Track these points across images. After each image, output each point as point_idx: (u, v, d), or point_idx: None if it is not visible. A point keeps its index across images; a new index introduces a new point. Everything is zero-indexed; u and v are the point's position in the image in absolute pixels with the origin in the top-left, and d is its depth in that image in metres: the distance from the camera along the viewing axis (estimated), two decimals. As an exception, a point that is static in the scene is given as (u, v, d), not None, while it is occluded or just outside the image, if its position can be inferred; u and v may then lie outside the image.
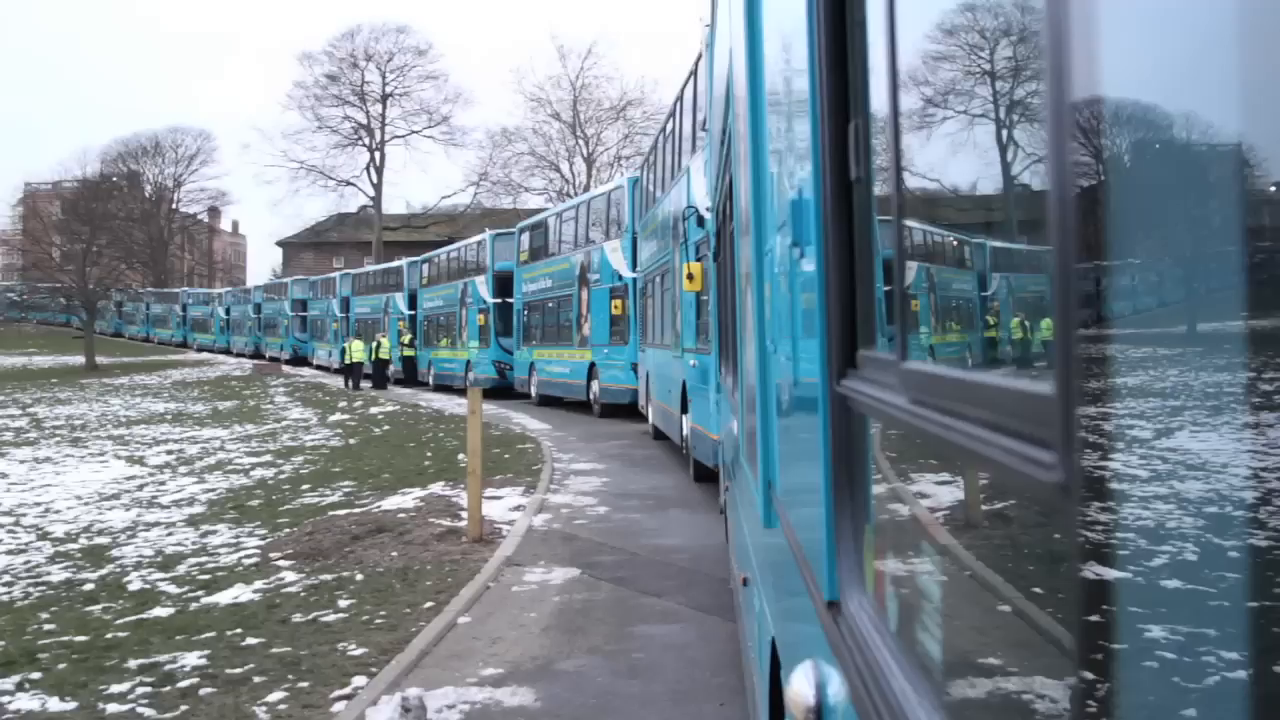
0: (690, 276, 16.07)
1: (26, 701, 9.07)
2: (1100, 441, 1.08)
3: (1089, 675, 1.08)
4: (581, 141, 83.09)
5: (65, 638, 11.12)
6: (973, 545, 1.67)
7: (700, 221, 15.78)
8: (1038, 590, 1.36)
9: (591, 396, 30.66)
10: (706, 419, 15.32)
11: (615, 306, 27.88)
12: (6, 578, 14.54)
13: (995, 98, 1.53)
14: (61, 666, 10.01)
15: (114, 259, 77.10)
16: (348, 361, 47.35)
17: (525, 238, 37.35)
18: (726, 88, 6.93)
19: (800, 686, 2.47)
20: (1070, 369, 1.05)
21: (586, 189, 68.22)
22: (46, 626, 11.75)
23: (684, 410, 18.37)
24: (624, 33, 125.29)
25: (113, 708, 8.66)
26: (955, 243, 2.00)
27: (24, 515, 19.36)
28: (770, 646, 3.79)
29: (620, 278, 27.72)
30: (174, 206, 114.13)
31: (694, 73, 17.69)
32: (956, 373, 1.66)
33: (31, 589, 13.84)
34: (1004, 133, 1.48)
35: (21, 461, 26.50)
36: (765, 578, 4.40)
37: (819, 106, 2.39)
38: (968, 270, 1.89)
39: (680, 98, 19.62)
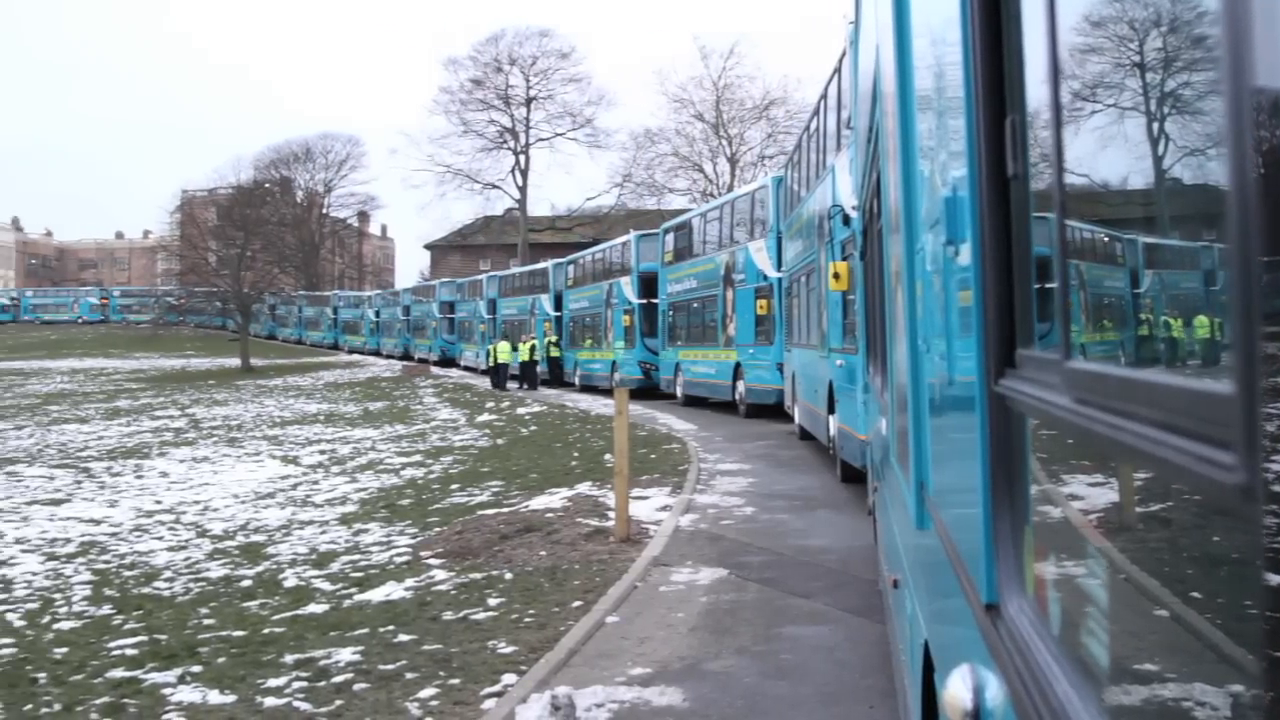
0: (836, 276, 15.95)
1: (188, 694, 9.30)
2: None
3: (1268, 688, 1.04)
4: (724, 141, 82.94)
5: (224, 632, 11.39)
6: (1141, 548, 1.63)
7: (846, 220, 15.65)
8: (1212, 596, 1.32)
9: (737, 397, 30.58)
10: (854, 419, 15.19)
11: (760, 306, 27.77)
12: (168, 574, 14.93)
13: (1162, 88, 1.48)
14: (221, 660, 10.25)
15: (267, 263, 78.78)
16: (493, 363, 47.82)
17: (670, 238, 37.38)
18: (873, 84, 6.87)
19: (957, 690, 2.44)
20: (1253, 367, 1.01)
21: (730, 189, 68.07)
22: (206, 621, 12.04)
23: (830, 410, 18.24)
24: (766, 32, 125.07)
25: (270, 701, 8.85)
26: (1119, 239, 1.95)
27: (184, 513, 19.87)
28: (923, 649, 3.74)
29: (765, 277, 27.61)
30: (325, 211, 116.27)
31: (838, 70, 17.55)
32: (1126, 372, 1.61)
33: (192, 585, 14.20)
34: (1172, 124, 1.44)
35: (181, 461, 27.21)
36: (917, 580, 4.35)
37: (974, 101, 2.35)
38: (1132, 267, 1.85)
39: (824, 96, 19.49)
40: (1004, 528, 2.27)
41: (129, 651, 10.99)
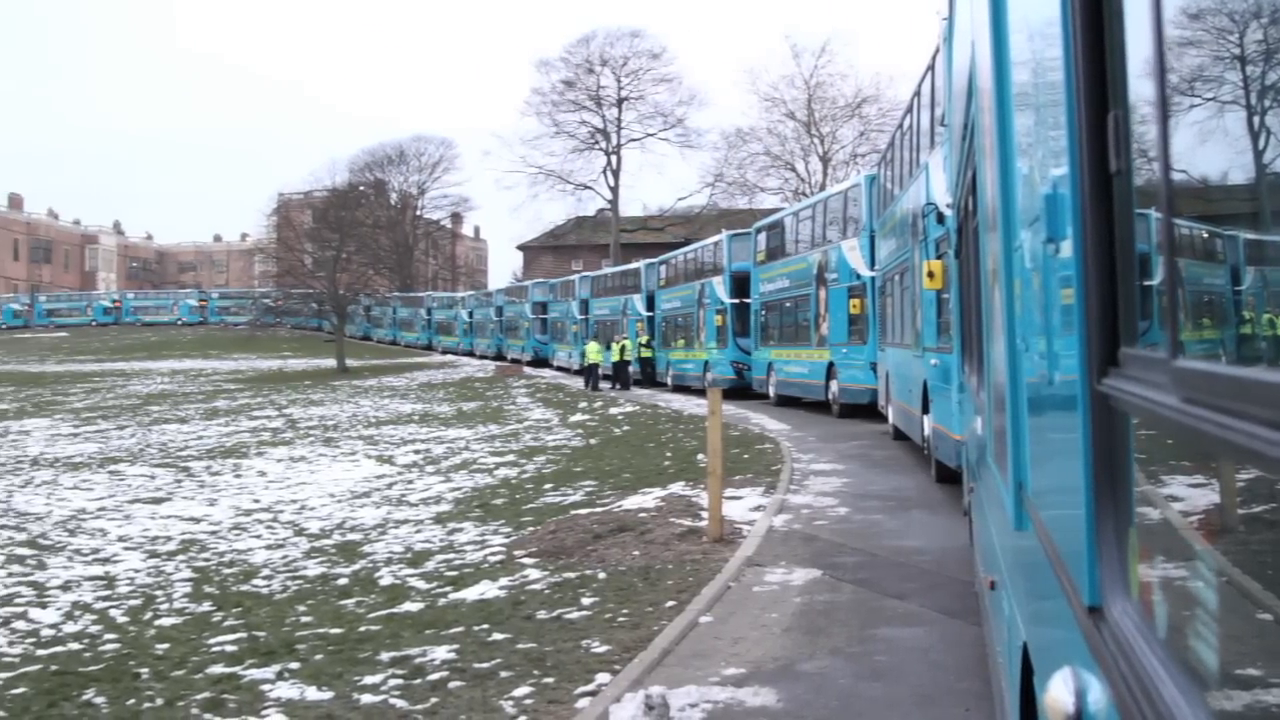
0: (930, 274, 15.82)
1: (286, 690, 9.42)
2: None
3: None
4: (816, 140, 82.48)
5: (321, 630, 11.53)
6: (1253, 551, 1.60)
7: (940, 218, 15.52)
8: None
9: (830, 396, 30.45)
10: (949, 419, 15.06)
11: (853, 306, 27.65)
12: (266, 571, 15.14)
13: (1263, 80, 1.46)
14: (318, 658, 10.37)
15: (362, 265, 79.51)
16: (585, 363, 47.95)
17: (762, 238, 37.30)
18: (968, 81, 6.80)
19: (1059, 694, 2.41)
20: None
21: (822, 188, 67.74)
22: (304, 619, 12.20)
23: (925, 410, 18.09)
24: (858, 29, 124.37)
25: (366, 698, 8.94)
26: (1221, 236, 1.92)
27: (281, 512, 20.15)
28: (1021, 652, 3.71)
29: (858, 276, 27.48)
30: (418, 213, 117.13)
31: (931, 67, 17.40)
32: (1238, 371, 1.59)
33: (289, 582, 14.39)
34: (1274, 117, 1.42)
35: (279, 461, 27.58)
36: (1015, 581, 4.30)
37: (1075, 97, 2.32)
38: (1234, 264, 1.82)
39: (917, 93, 19.33)
40: (1107, 528, 2.24)
41: (228, 648, 11.15)
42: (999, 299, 4.38)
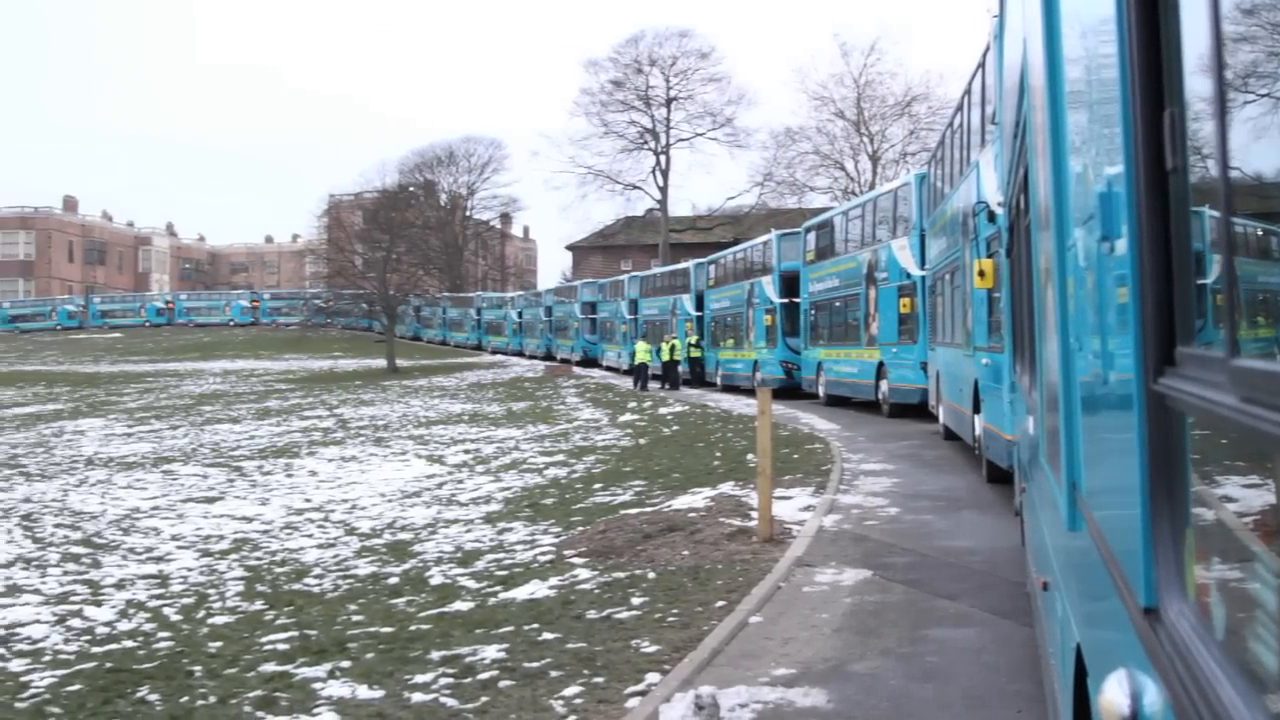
0: (981, 273, 15.73)
1: (337, 689, 9.48)
2: None
3: None
4: (866, 139, 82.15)
5: (372, 629, 11.59)
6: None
7: (991, 217, 15.43)
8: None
9: (880, 396, 30.34)
10: (1000, 419, 14.97)
11: (903, 305, 27.53)
12: (317, 570, 15.24)
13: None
14: (369, 656, 10.43)
15: (412, 265, 79.74)
16: (634, 363, 48.00)
17: (811, 237, 37.21)
18: (1020, 78, 6.76)
19: (1114, 696, 2.39)
20: None
21: (872, 187, 67.53)
22: (355, 618, 12.27)
23: (976, 410, 17.99)
24: (906, 27, 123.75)
25: (417, 697, 8.98)
26: (1277, 234, 1.90)
27: (332, 511, 20.27)
28: (1074, 653, 3.68)
29: (908, 276, 27.36)
30: (468, 213, 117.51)
31: (981, 65, 17.31)
32: None
33: (341, 581, 14.47)
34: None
35: (330, 460, 27.74)
36: (1068, 582, 4.28)
37: (1130, 94, 2.30)
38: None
39: (967, 91, 19.23)
40: (1163, 529, 2.23)
41: (280, 646, 11.23)
42: (1052, 298, 4.36)
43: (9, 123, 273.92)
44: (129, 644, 12.05)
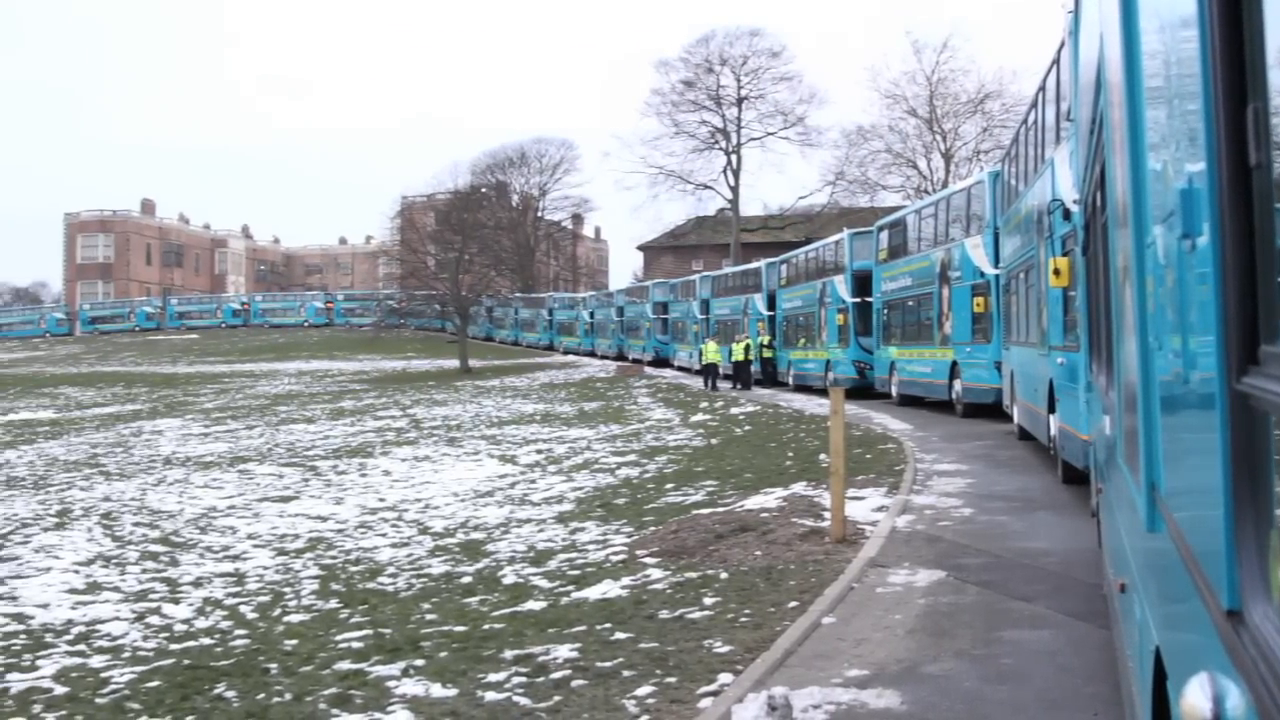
0: (1057, 272, 15.58)
1: (411, 687, 9.54)
2: None
3: None
4: (939, 137, 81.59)
5: (445, 627, 11.65)
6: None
7: (1066, 215, 15.29)
8: None
9: (953, 396, 30.12)
10: (1075, 419, 14.82)
11: (977, 304, 27.32)
12: (391, 569, 15.33)
13: None
14: (443, 655, 10.48)
15: (484, 266, 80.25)
16: (704, 363, 48.01)
17: (883, 236, 37.02)
18: (1096, 74, 6.69)
19: (1195, 700, 2.36)
20: None
21: (945, 185, 67.08)
22: (428, 616, 12.34)
23: (1051, 410, 17.83)
24: (980, 22, 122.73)
25: (490, 696, 9.01)
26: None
27: (406, 511, 20.40)
28: (1153, 656, 3.64)
29: (982, 274, 27.16)
30: (539, 214, 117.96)
31: (1056, 61, 17.15)
32: None
33: (414, 580, 14.56)
34: None
35: (403, 460, 27.91)
36: (1147, 584, 4.23)
37: (1212, 90, 2.27)
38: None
39: (1042, 88, 19.05)
40: (1246, 530, 2.20)
41: (355, 644, 11.32)
42: (1130, 296, 4.31)
43: (90, 128, 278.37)
44: (206, 641, 12.18)
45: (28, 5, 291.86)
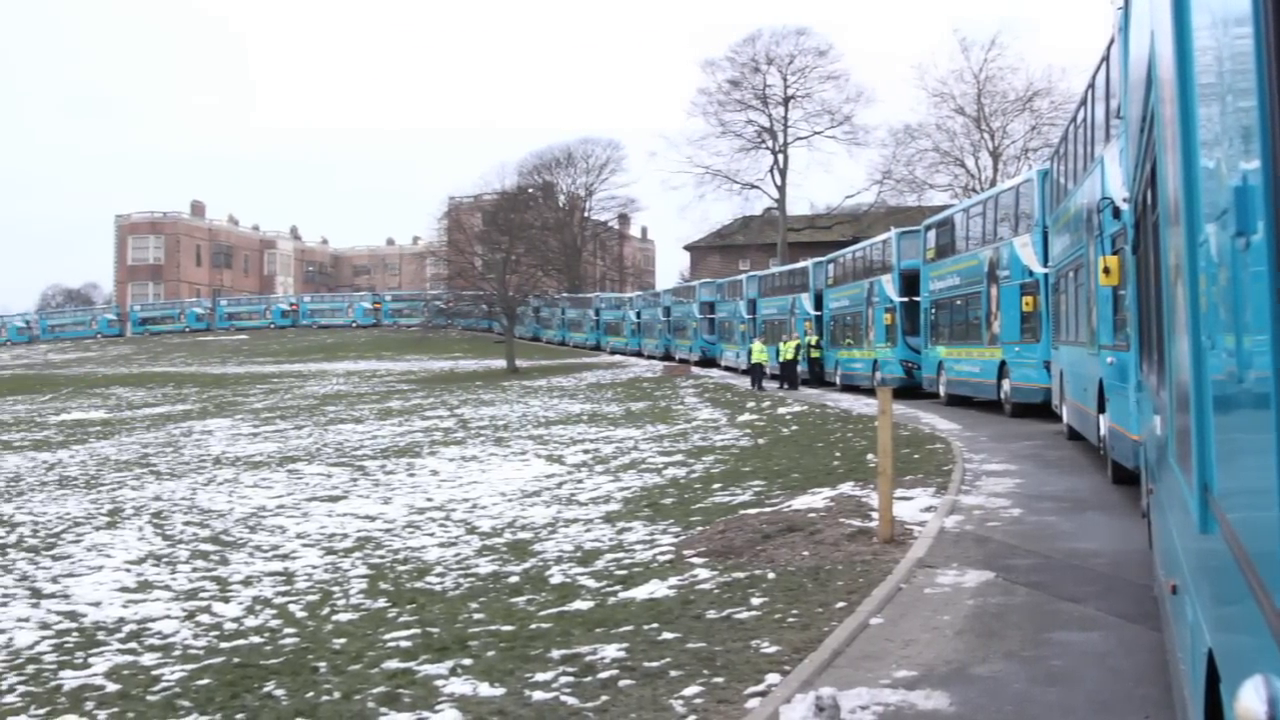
0: (1106, 270, 15.47)
1: (459, 686, 9.57)
2: None
3: None
4: (986, 135, 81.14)
5: (493, 627, 11.68)
6: None
7: (1116, 213, 15.18)
8: None
9: (1002, 396, 29.94)
10: (1126, 418, 14.72)
11: (1026, 303, 27.14)
12: (439, 569, 15.39)
13: None
14: (490, 654, 10.51)
15: (531, 266, 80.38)
16: (751, 363, 47.96)
17: (931, 235, 36.84)
18: (1147, 71, 6.64)
19: (1250, 702, 2.34)
20: None
21: (993, 184, 66.74)
22: (476, 616, 12.38)
23: (1101, 409, 17.70)
24: (1027, 19, 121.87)
25: (538, 695, 9.03)
26: None
27: (454, 510, 20.47)
28: (1206, 658, 3.61)
29: (1031, 273, 26.99)
30: (586, 214, 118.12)
31: (1106, 58, 17.02)
32: None
33: (462, 580, 14.60)
34: None
35: (451, 460, 28.01)
36: (1199, 585, 4.19)
37: (1266, 85, 2.25)
38: None
39: (1091, 85, 18.92)
40: (1302, 531, 2.17)
41: (403, 643, 11.36)
42: (1182, 295, 4.27)
43: (141, 131, 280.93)
44: (256, 640, 12.27)
45: (80, 9, 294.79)
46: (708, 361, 67.19)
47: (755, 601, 11.31)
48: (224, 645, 12.11)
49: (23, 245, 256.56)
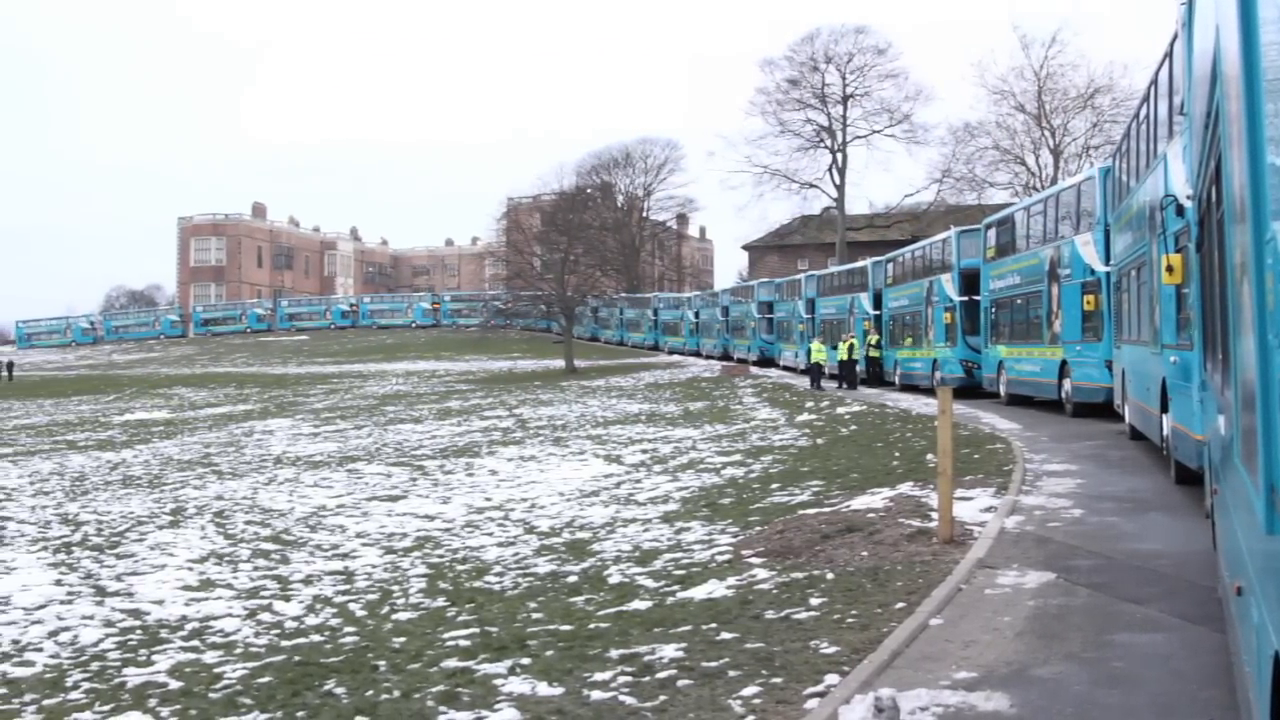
0: (1169, 269, 15.32)
1: (517, 685, 9.59)
2: None
3: None
4: (1047, 133, 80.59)
5: (552, 626, 11.71)
6: None
7: (1180, 210, 15.02)
8: None
9: (1063, 395, 29.68)
10: (1189, 418, 14.56)
11: (1087, 302, 26.88)
12: (498, 568, 15.44)
13: None
14: (549, 653, 10.53)
15: (589, 267, 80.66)
16: (810, 362, 47.85)
17: (991, 234, 36.58)
18: (1211, 67, 6.56)
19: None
20: None
21: (1053, 182, 66.26)
22: (535, 615, 12.41)
23: (1164, 409, 17.52)
24: (1089, 14, 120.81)
25: (596, 695, 9.04)
26: None
27: (512, 510, 20.54)
28: (1272, 660, 3.57)
29: (1092, 272, 26.74)
30: (644, 214, 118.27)
31: (1168, 54, 16.85)
32: None
33: (520, 579, 14.65)
34: None
35: (509, 460, 28.11)
36: (1266, 587, 4.14)
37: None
38: None
39: (1154, 81, 18.73)
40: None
41: (462, 642, 11.41)
42: (1248, 293, 4.22)
43: (205, 133, 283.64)
44: (316, 638, 12.36)
45: (142, 11, 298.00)
46: (766, 361, 67.11)
47: (814, 602, 11.27)
48: (285, 644, 12.21)
49: (87, 247, 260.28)
